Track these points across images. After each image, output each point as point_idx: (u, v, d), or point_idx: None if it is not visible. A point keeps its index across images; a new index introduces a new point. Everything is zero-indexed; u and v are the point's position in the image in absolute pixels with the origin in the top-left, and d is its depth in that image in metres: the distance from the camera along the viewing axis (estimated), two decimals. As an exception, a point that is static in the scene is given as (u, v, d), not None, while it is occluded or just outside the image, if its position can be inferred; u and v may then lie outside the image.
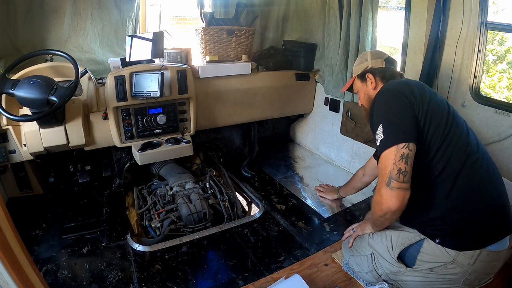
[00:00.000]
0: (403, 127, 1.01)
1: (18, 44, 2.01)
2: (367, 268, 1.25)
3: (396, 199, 0.98)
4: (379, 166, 1.04)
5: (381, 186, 1.01)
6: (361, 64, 1.34)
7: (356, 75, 1.36)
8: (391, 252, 1.17)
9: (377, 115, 1.09)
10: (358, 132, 2.30)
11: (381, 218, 1.09)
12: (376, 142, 1.07)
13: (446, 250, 1.04)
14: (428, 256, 1.08)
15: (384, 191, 1.00)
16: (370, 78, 1.29)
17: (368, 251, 1.26)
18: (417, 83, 1.21)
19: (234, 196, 2.06)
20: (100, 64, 2.28)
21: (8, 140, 1.70)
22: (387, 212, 1.03)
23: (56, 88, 1.44)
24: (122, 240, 1.68)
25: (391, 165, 0.98)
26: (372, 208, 1.13)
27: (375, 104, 1.13)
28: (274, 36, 2.79)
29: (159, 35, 1.97)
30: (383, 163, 1.01)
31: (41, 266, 1.49)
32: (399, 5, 2.44)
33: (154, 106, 1.95)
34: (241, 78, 2.32)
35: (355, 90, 1.39)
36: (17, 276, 0.76)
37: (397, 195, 0.97)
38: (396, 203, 0.98)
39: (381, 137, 1.03)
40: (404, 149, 0.98)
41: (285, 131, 3.15)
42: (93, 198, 2.10)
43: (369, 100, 1.28)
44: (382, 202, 1.02)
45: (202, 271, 1.49)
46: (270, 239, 1.71)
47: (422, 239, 1.10)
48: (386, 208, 1.01)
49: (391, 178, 0.98)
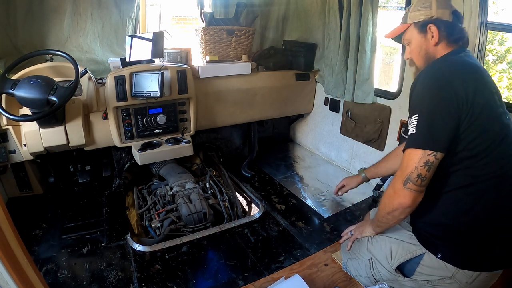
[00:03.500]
0: (438, 134, 0.91)
1: (18, 44, 2.01)
2: (364, 273, 1.23)
3: (409, 198, 0.96)
4: (403, 159, 0.98)
5: (397, 182, 0.97)
6: (423, 10, 1.06)
7: (413, 22, 1.09)
8: (389, 261, 1.13)
9: (418, 101, 0.96)
10: (358, 132, 2.30)
11: (389, 214, 1.04)
12: (408, 127, 0.97)
13: (446, 264, 1.01)
14: (428, 269, 1.06)
15: (399, 187, 0.97)
16: (432, 31, 1.04)
17: (366, 256, 1.23)
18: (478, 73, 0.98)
19: (234, 196, 2.06)
20: (100, 64, 2.27)
21: (8, 140, 1.70)
22: (398, 208, 0.99)
23: (56, 88, 1.44)
24: (122, 240, 1.68)
25: (412, 167, 0.93)
26: (381, 203, 1.07)
27: (422, 82, 0.96)
28: (274, 36, 2.79)
29: (159, 35, 1.97)
30: (406, 160, 0.96)
31: (41, 266, 1.49)
32: (399, 5, 2.44)
33: (154, 106, 1.95)
34: (241, 78, 2.32)
35: (407, 40, 1.13)
36: (17, 276, 0.76)
37: (410, 195, 0.95)
38: (409, 201, 0.96)
39: (413, 130, 0.94)
40: (431, 156, 0.91)
41: (285, 131, 3.15)
42: (93, 198, 2.10)
43: (426, 57, 1.08)
44: (395, 197, 0.98)
45: (202, 271, 1.49)
46: (270, 239, 1.71)
47: (423, 253, 1.07)
48: (397, 204, 0.98)
49: (409, 180, 0.94)
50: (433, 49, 1.06)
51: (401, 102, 1.98)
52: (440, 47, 1.05)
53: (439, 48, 1.05)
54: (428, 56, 1.07)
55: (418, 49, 1.10)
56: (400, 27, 1.14)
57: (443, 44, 1.04)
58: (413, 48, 1.12)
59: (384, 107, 2.09)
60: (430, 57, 1.06)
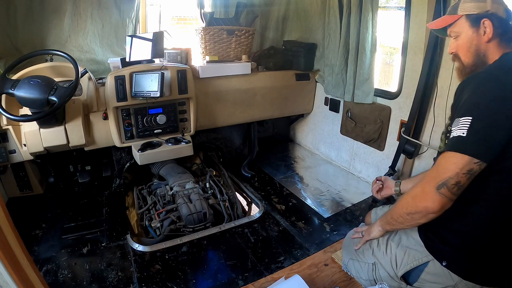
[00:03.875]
0: (492, 144, 0.84)
1: (18, 44, 2.01)
2: (366, 276, 1.21)
3: (438, 203, 0.88)
4: (441, 160, 0.90)
5: (429, 183, 0.89)
6: (477, 2, 0.98)
7: (465, 14, 1.00)
8: (394, 268, 1.11)
9: (473, 104, 0.87)
10: (358, 132, 2.30)
11: (408, 215, 0.96)
12: (452, 126, 0.89)
13: (450, 273, 0.99)
14: (431, 277, 1.04)
15: (430, 189, 0.89)
16: (486, 26, 0.95)
17: (370, 259, 1.18)
18: None
19: (234, 196, 2.06)
20: (100, 64, 2.28)
21: (8, 140, 1.70)
22: (421, 211, 0.92)
23: (56, 88, 1.44)
24: (122, 240, 1.68)
25: (453, 173, 0.86)
26: (402, 201, 1.00)
27: (482, 86, 0.88)
28: (274, 36, 2.79)
29: (159, 35, 1.97)
30: (446, 163, 0.88)
31: (41, 266, 1.49)
32: (399, 5, 2.44)
33: (154, 106, 1.95)
34: (241, 78, 2.32)
35: (455, 32, 1.03)
36: (17, 276, 0.76)
37: (441, 201, 0.88)
38: (437, 207, 0.88)
39: (463, 133, 0.85)
40: (476, 165, 0.84)
41: (285, 131, 3.16)
42: (93, 198, 2.10)
43: (476, 53, 0.99)
44: (422, 199, 0.91)
45: (202, 271, 1.49)
46: (270, 239, 1.71)
47: (428, 261, 1.04)
48: (423, 206, 0.91)
49: (445, 185, 0.87)
50: (485, 46, 0.97)
51: (401, 102, 1.98)
52: (492, 45, 0.97)
53: (490, 45, 0.97)
54: (478, 53, 0.99)
55: (467, 44, 1.01)
56: (448, 17, 1.03)
57: (495, 42, 0.96)
58: (462, 42, 1.02)
59: (384, 107, 2.09)
60: (480, 55, 0.98)
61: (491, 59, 0.97)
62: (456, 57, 1.06)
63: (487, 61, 0.98)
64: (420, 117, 1.84)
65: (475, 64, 1.00)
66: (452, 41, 1.06)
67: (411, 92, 1.86)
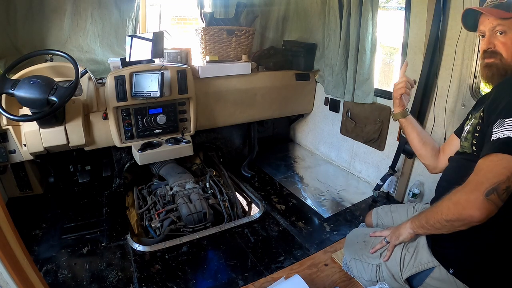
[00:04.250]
0: None
1: (18, 44, 2.01)
2: (368, 277, 1.19)
3: (485, 211, 0.80)
4: (487, 164, 0.83)
5: (476, 190, 0.81)
6: None
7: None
8: (400, 271, 1.08)
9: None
10: (358, 132, 2.30)
11: (447, 222, 0.89)
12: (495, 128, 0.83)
13: (455, 280, 0.98)
14: (436, 282, 1.03)
15: (477, 196, 0.80)
16: None
17: (375, 261, 1.15)
18: None
19: (234, 196, 2.06)
20: (100, 64, 2.28)
21: (8, 140, 1.70)
22: (465, 219, 0.83)
23: (56, 88, 1.44)
24: (122, 240, 1.68)
25: (504, 176, 0.79)
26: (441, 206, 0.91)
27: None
28: (274, 36, 2.79)
29: (159, 35, 1.97)
30: (496, 166, 0.81)
31: (41, 266, 1.49)
32: (399, 5, 2.44)
33: (154, 106, 1.95)
34: (241, 78, 2.32)
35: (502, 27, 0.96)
36: (17, 276, 0.76)
37: (489, 208, 0.80)
38: (483, 215, 0.81)
39: (510, 134, 0.80)
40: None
41: (285, 131, 3.16)
42: (93, 198, 2.10)
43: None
44: (467, 207, 0.82)
45: (202, 271, 1.49)
46: (270, 239, 1.71)
47: (434, 266, 1.02)
48: (468, 215, 0.82)
49: (496, 190, 0.79)
50: None
51: (401, 102, 1.98)
52: None
53: None
54: None
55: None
56: (501, 12, 0.96)
57: None
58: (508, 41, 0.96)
59: (384, 107, 2.09)
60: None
61: None
62: (493, 54, 0.99)
63: None
64: (420, 117, 1.84)
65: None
66: (490, 37, 0.99)
67: (411, 92, 1.85)
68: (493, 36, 0.98)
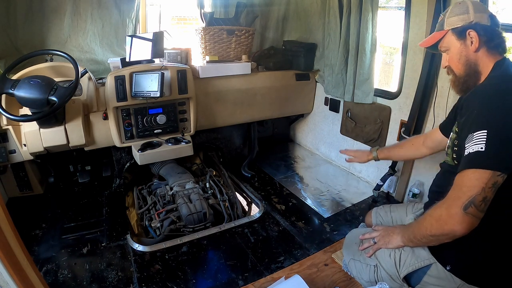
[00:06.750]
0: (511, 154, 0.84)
1: (18, 44, 2.01)
2: (367, 277, 1.20)
3: (466, 225, 0.84)
4: (462, 179, 0.87)
5: (455, 205, 0.86)
6: (460, 15, 1.02)
7: (451, 29, 1.04)
8: (397, 270, 1.10)
9: (485, 117, 0.87)
10: (358, 132, 2.30)
11: (432, 237, 0.94)
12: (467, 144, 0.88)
13: (453, 277, 0.99)
14: (434, 279, 1.04)
15: (456, 211, 0.85)
16: (472, 37, 0.99)
17: (372, 261, 1.16)
18: None
19: (234, 196, 2.06)
20: (100, 64, 2.28)
21: (8, 140, 1.70)
22: (448, 233, 0.88)
23: (56, 88, 1.44)
24: (122, 240, 1.68)
25: (479, 189, 0.83)
26: (425, 222, 0.96)
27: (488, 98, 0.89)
28: (274, 36, 2.79)
29: (159, 35, 1.97)
30: (469, 180, 0.85)
31: (41, 266, 1.49)
32: (399, 5, 2.44)
33: (154, 106, 1.95)
34: (241, 78, 2.32)
35: (444, 47, 1.08)
36: (17, 276, 0.76)
37: (469, 221, 0.84)
38: (465, 228, 0.85)
39: (481, 147, 0.84)
40: (499, 177, 0.83)
41: (285, 131, 3.16)
42: (93, 198, 2.10)
43: (466, 64, 1.02)
44: (448, 222, 0.87)
45: (202, 271, 1.49)
46: (270, 239, 1.71)
47: (431, 263, 1.04)
48: (449, 229, 0.87)
49: (473, 203, 0.84)
50: (474, 55, 1.01)
51: (401, 102, 1.98)
52: (481, 53, 1.00)
53: (480, 54, 1.00)
54: (469, 63, 1.02)
55: (457, 57, 1.05)
56: (437, 34, 1.08)
57: (484, 50, 1.00)
58: (452, 55, 1.06)
59: (384, 107, 2.09)
60: (471, 65, 1.02)
61: (482, 67, 1.01)
62: (449, 70, 1.09)
63: (479, 70, 1.01)
64: (420, 117, 1.84)
65: (467, 74, 1.02)
66: (444, 56, 1.10)
67: (411, 92, 1.86)
68: (444, 55, 1.09)
